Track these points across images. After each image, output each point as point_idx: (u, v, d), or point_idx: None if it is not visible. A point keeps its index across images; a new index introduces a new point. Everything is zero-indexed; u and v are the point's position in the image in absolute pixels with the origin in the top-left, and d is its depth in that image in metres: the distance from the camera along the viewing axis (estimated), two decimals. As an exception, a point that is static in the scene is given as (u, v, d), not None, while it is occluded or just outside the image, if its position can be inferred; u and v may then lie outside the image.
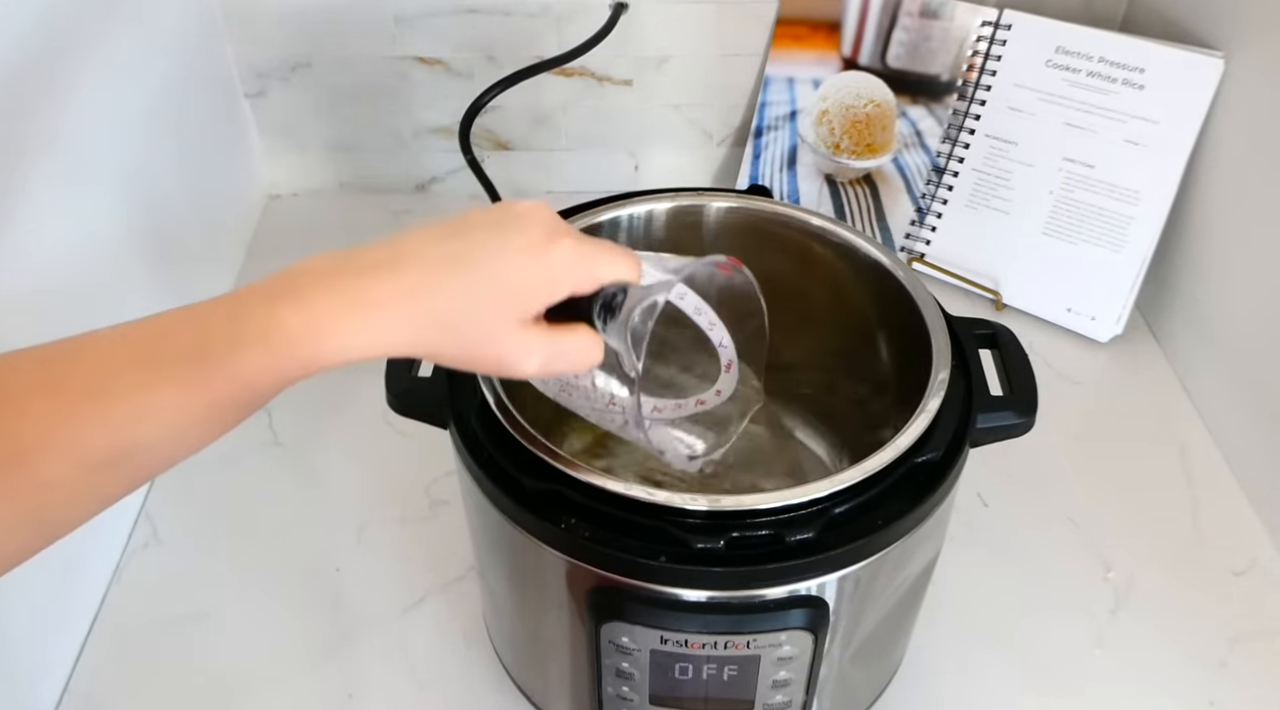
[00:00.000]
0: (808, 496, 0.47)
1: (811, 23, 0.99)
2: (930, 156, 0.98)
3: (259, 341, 0.36)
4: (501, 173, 1.06)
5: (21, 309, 0.63)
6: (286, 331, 0.36)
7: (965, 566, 0.72)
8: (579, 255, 0.42)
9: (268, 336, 0.36)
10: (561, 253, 0.41)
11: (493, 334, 0.40)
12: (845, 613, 0.51)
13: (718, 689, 0.51)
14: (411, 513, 0.77)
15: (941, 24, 0.96)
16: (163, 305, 0.38)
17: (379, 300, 0.38)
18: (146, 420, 0.35)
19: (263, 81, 1.02)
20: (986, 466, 0.62)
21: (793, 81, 1.01)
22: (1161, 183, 0.88)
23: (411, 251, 0.40)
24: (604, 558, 0.48)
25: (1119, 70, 0.88)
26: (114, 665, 0.68)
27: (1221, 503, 0.79)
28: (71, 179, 0.69)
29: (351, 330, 0.37)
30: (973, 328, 0.58)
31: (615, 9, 0.94)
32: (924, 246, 0.98)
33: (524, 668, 0.64)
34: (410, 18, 0.98)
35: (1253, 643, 0.69)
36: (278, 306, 0.37)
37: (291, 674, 0.67)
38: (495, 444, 0.51)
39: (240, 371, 0.36)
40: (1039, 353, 0.89)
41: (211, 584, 0.73)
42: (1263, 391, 0.77)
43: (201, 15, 0.94)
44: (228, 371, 0.36)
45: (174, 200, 0.85)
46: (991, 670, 0.68)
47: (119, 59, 0.77)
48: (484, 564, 0.61)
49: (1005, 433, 0.55)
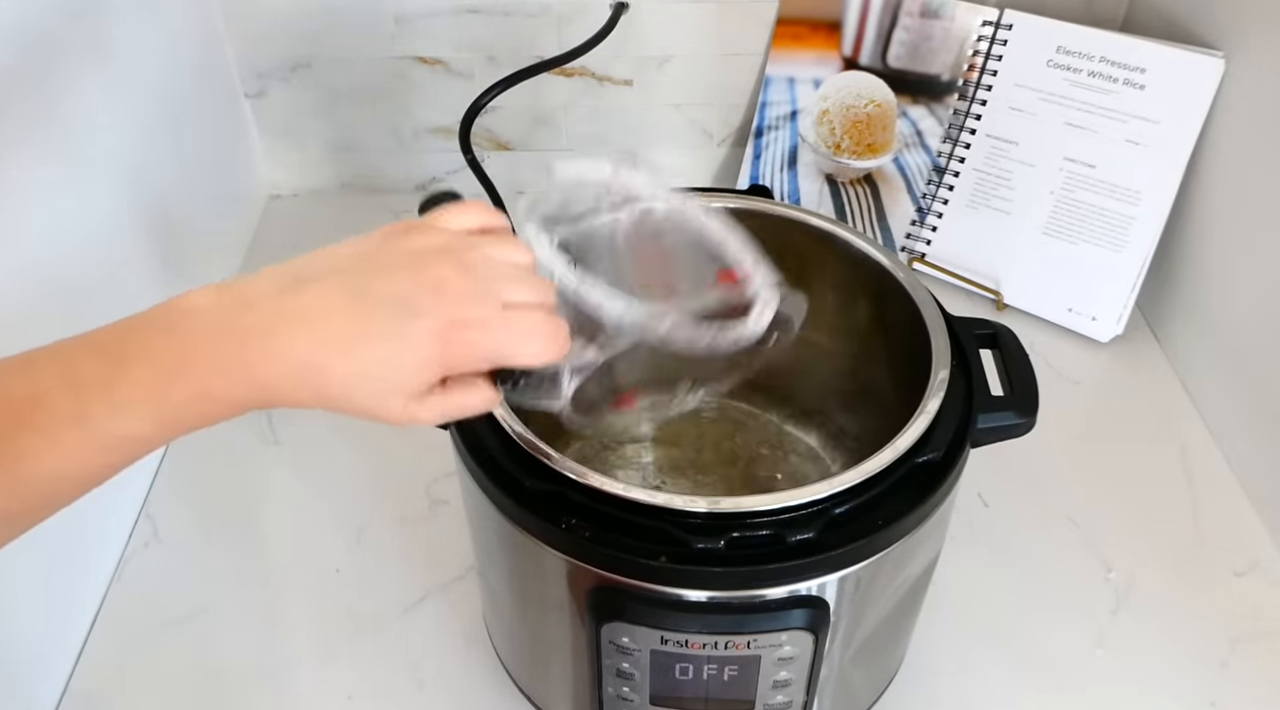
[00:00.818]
0: (808, 497, 0.47)
1: (812, 22, 0.99)
2: (931, 156, 0.98)
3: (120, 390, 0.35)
4: (502, 173, 1.06)
5: (21, 308, 0.63)
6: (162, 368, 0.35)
7: (965, 566, 0.72)
8: (485, 345, 0.39)
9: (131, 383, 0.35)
10: (465, 341, 0.38)
11: (379, 409, 0.38)
12: (846, 613, 0.51)
13: (718, 689, 0.51)
14: (411, 513, 0.77)
15: (942, 24, 0.95)
16: (163, 304, 0.38)
17: (256, 362, 0.36)
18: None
19: (263, 81, 1.02)
20: (987, 466, 0.62)
21: (793, 81, 1.01)
22: (1162, 183, 0.88)
23: (305, 310, 0.37)
24: (604, 558, 0.48)
25: (1120, 70, 0.88)
26: (115, 665, 0.68)
27: (1222, 503, 0.79)
28: (71, 178, 0.70)
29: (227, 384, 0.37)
30: (973, 328, 0.58)
31: (615, 9, 0.94)
32: (924, 246, 0.98)
33: (524, 668, 0.64)
34: (410, 18, 0.98)
35: (1254, 643, 0.69)
36: (153, 337, 0.36)
37: (291, 674, 0.67)
38: (496, 444, 0.51)
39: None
40: (1040, 353, 0.88)
41: (212, 583, 0.73)
42: (1264, 391, 0.77)
43: (201, 15, 0.94)
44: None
45: (174, 200, 0.85)
46: (992, 670, 0.68)
47: (119, 59, 0.77)
48: (484, 564, 0.61)
49: (1006, 433, 0.55)
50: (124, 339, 0.37)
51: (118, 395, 0.35)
